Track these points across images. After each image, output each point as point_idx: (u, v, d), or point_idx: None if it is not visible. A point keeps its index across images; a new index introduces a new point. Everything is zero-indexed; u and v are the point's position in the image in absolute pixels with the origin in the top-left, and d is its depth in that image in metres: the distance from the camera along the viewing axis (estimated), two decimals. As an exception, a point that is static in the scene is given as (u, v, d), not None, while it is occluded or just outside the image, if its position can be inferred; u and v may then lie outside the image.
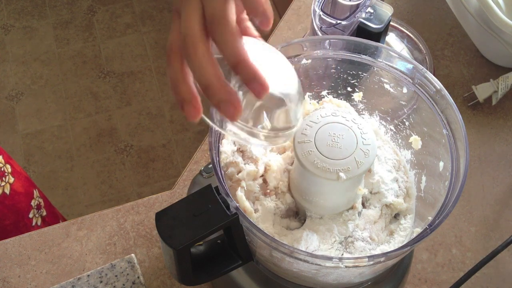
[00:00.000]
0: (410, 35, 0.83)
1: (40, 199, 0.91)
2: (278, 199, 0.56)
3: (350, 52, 0.58)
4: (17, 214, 0.84)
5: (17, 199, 0.84)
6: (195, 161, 0.78)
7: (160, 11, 2.26)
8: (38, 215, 0.89)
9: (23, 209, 0.85)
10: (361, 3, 0.70)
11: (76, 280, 0.67)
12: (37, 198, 0.90)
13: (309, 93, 0.63)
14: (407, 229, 0.58)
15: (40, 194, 0.93)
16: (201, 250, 0.56)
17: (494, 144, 0.81)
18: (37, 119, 1.98)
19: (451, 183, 0.51)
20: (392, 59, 0.57)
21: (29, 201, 0.87)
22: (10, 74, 2.08)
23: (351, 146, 0.51)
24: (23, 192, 0.86)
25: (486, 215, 0.75)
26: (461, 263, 0.71)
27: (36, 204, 0.89)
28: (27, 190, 0.87)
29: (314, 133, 0.52)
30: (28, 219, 0.86)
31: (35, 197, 0.89)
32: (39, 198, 0.91)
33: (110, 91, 2.05)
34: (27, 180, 0.89)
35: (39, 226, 0.89)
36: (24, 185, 0.87)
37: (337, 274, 0.53)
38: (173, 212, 0.50)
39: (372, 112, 0.63)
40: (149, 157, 1.91)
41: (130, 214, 0.73)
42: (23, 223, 0.85)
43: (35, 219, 0.87)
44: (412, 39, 0.82)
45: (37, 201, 0.89)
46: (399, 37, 0.83)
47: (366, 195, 0.58)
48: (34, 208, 0.88)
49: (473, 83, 0.84)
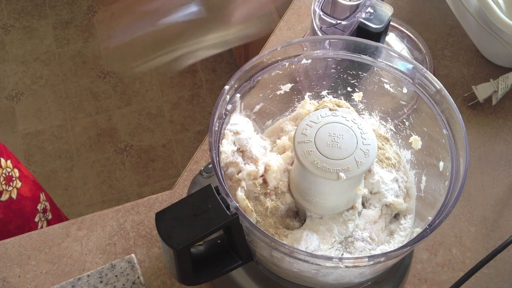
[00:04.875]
0: (410, 35, 0.83)
1: (46, 202, 0.91)
2: (278, 199, 0.56)
3: (350, 52, 0.58)
4: (23, 218, 0.83)
5: (23, 204, 0.84)
6: (195, 161, 0.78)
7: (160, 11, 2.26)
8: (44, 218, 0.89)
9: (29, 213, 0.85)
10: (361, 3, 0.70)
11: (76, 280, 0.67)
12: (43, 202, 0.90)
13: (309, 93, 0.63)
14: (407, 229, 0.58)
15: (47, 197, 0.93)
16: (201, 250, 0.56)
17: (494, 144, 0.81)
18: (37, 119, 1.98)
19: (451, 183, 0.51)
20: (392, 59, 0.57)
21: (35, 205, 0.87)
22: (10, 74, 2.08)
23: (351, 146, 0.51)
24: (30, 197, 0.86)
25: (486, 215, 0.75)
26: (461, 263, 0.71)
27: (42, 208, 0.89)
28: (34, 194, 0.87)
29: (314, 133, 0.52)
30: (33, 223, 0.86)
31: (42, 201, 0.89)
32: (45, 201, 0.91)
33: (110, 91, 2.05)
34: (34, 184, 0.88)
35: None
36: (32, 189, 0.86)
37: (337, 274, 0.53)
38: (173, 212, 0.50)
39: (372, 112, 0.63)
40: (149, 157, 1.91)
41: (130, 214, 0.73)
42: (28, 227, 0.85)
43: (41, 222, 0.87)
44: (412, 39, 0.82)
45: (43, 205, 0.89)
46: (399, 37, 0.83)
47: (366, 195, 0.58)
48: (40, 212, 0.88)
49: (473, 83, 0.84)
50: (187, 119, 1.99)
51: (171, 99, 2.02)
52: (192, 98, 2.03)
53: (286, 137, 0.60)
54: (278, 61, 0.58)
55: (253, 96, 0.59)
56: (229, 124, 0.56)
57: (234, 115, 0.57)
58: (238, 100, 0.56)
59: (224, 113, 0.55)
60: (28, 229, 0.84)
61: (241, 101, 0.57)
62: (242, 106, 0.58)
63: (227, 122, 0.56)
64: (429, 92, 0.55)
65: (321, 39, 0.60)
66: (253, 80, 0.57)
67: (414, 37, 0.82)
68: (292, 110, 0.64)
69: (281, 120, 0.64)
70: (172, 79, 2.07)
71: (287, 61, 0.58)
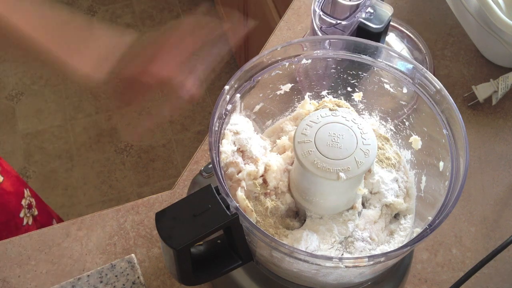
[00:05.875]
0: (410, 35, 0.83)
1: (32, 198, 0.91)
2: (278, 199, 0.56)
3: (350, 52, 0.58)
4: (7, 213, 0.83)
5: (6, 199, 0.83)
6: (195, 161, 0.78)
7: (160, 11, 2.26)
8: (29, 214, 0.88)
9: (13, 208, 0.85)
10: (361, 3, 0.70)
11: (76, 280, 0.67)
12: (28, 198, 0.89)
13: (309, 93, 0.63)
14: (407, 229, 0.58)
15: (32, 194, 0.92)
16: (201, 250, 0.56)
17: (494, 144, 0.81)
18: (37, 119, 1.98)
19: (451, 183, 0.51)
20: (392, 59, 0.57)
21: (20, 200, 0.86)
22: (10, 74, 2.08)
23: (351, 146, 0.51)
24: (13, 192, 0.85)
25: (486, 215, 0.75)
26: (461, 263, 0.71)
27: (27, 203, 0.88)
28: (17, 189, 0.86)
29: (314, 133, 0.52)
30: (19, 218, 0.85)
31: (26, 196, 0.89)
32: (30, 197, 0.90)
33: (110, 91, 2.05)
34: (17, 180, 0.88)
35: (30, 225, 0.88)
36: (14, 185, 0.86)
37: (337, 274, 0.53)
38: (173, 212, 0.50)
39: (372, 112, 0.63)
40: (149, 157, 1.91)
41: (130, 214, 0.73)
42: (13, 222, 0.84)
43: (26, 218, 0.87)
44: (412, 39, 0.82)
45: (28, 201, 0.89)
46: (399, 37, 0.83)
47: (366, 195, 0.58)
48: (25, 207, 0.87)
49: (473, 83, 0.84)
50: (187, 119, 1.99)
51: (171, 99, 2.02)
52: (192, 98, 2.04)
53: (286, 137, 0.60)
54: (278, 61, 0.58)
55: (253, 96, 0.59)
56: (229, 124, 0.56)
57: (234, 115, 0.57)
58: (238, 100, 0.56)
59: (224, 113, 0.55)
60: (14, 224, 0.84)
61: (241, 101, 0.57)
62: (242, 106, 0.58)
63: (227, 122, 0.56)
64: (429, 92, 0.55)
65: (321, 39, 0.60)
66: (253, 80, 0.57)
67: (414, 37, 0.82)
68: (292, 110, 0.64)
69: (281, 120, 0.64)
70: (172, 79, 2.07)
71: (287, 61, 0.58)
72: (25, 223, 0.87)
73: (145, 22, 2.22)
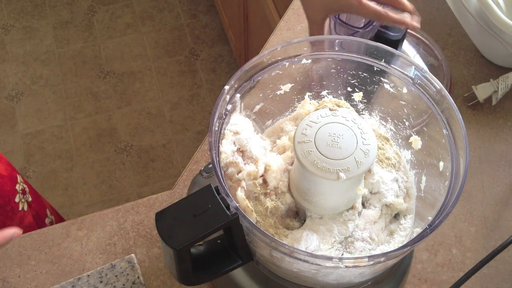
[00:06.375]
0: (425, 42, 0.82)
1: (24, 184, 0.91)
2: (278, 199, 0.56)
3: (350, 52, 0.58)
4: (3, 197, 0.83)
5: (1, 182, 0.83)
6: (195, 161, 0.78)
7: (160, 11, 2.26)
8: (24, 200, 0.88)
9: (8, 192, 0.84)
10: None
11: (76, 280, 0.67)
12: (21, 183, 0.90)
13: (309, 93, 0.63)
14: (407, 229, 0.58)
15: (24, 181, 0.93)
16: (201, 250, 0.56)
17: (494, 144, 0.81)
18: (37, 119, 1.98)
19: (451, 183, 0.51)
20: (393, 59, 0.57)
21: (14, 185, 0.86)
22: (10, 74, 2.08)
23: (351, 146, 0.51)
24: (7, 176, 0.85)
25: (486, 215, 0.75)
26: (461, 263, 0.71)
27: (21, 189, 0.88)
28: (10, 174, 0.86)
29: (314, 133, 0.52)
30: (14, 203, 0.85)
31: (19, 182, 0.89)
32: (23, 183, 0.90)
33: (110, 91, 2.05)
34: (8, 165, 0.88)
35: (26, 211, 0.88)
36: (7, 169, 0.86)
37: (337, 274, 0.53)
38: (173, 212, 0.50)
39: (372, 112, 0.63)
40: (149, 157, 1.91)
41: (130, 214, 0.73)
42: (10, 206, 0.84)
43: (21, 203, 0.87)
44: (427, 45, 0.82)
45: (21, 186, 0.89)
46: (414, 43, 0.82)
47: (366, 195, 0.58)
48: (19, 192, 0.87)
49: (473, 83, 0.84)
50: (187, 119, 1.99)
51: (171, 99, 2.02)
52: (192, 98, 2.03)
53: (286, 137, 0.60)
54: (278, 61, 0.58)
55: (253, 96, 0.59)
56: (229, 124, 0.56)
57: (234, 115, 0.57)
58: (238, 100, 0.56)
59: (224, 113, 0.55)
60: (10, 209, 0.84)
61: (241, 101, 0.57)
62: (242, 106, 0.58)
63: (227, 122, 0.56)
64: (429, 92, 0.55)
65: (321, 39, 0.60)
66: (253, 80, 0.57)
67: (429, 44, 0.82)
68: (292, 110, 0.64)
69: (281, 120, 0.64)
70: (172, 79, 2.07)
71: (287, 61, 0.58)
72: (20, 209, 0.87)
73: (145, 22, 2.22)
